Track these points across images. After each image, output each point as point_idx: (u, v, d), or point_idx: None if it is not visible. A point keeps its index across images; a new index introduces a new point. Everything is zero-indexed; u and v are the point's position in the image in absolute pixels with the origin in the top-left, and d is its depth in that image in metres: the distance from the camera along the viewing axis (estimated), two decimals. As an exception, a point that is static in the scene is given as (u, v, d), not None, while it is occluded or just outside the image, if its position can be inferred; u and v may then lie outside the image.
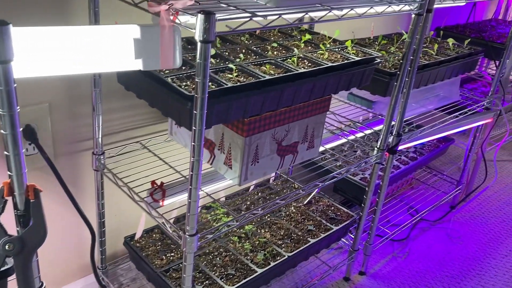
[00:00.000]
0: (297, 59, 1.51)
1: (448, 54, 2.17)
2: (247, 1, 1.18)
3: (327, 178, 1.61)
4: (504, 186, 3.04)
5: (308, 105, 1.53)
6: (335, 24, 2.26)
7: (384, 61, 1.93)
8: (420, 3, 1.52)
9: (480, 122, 2.36)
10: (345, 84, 1.59)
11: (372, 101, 2.08)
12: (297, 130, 1.56)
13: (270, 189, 2.08)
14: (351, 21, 2.40)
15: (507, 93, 2.46)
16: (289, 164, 1.61)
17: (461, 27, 2.81)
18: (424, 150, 2.53)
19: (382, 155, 1.80)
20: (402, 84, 1.68)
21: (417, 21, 1.56)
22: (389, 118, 1.73)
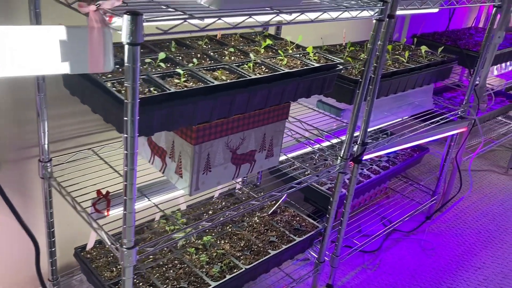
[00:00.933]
0: (253, 65, 1.47)
1: (420, 62, 2.13)
2: (189, 3, 1.14)
3: (285, 188, 1.56)
4: (482, 197, 3.00)
5: (264, 112, 1.49)
6: (306, 29, 2.22)
7: (350, 68, 1.89)
8: (380, 9, 1.49)
9: (452, 131, 2.32)
10: (304, 91, 1.54)
11: (340, 109, 2.03)
12: (254, 138, 1.51)
13: (235, 198, 2.02)
14: (324, 27, 2.36)
15: (482, 102, 2.43)
16: (246, 173, 1.56)
17: (438, 35, 2.79)
18: (397, 159, 2.49)
19: (346, 165, 1.75)
20: (364, 92, 1.64)
21: (378, 27, 1.52)
22: (352, 126, 1.69)
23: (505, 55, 2.67)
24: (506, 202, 2.97)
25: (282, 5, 1.23)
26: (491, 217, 2.78)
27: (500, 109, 3.07)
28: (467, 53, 2.45)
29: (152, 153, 1.50)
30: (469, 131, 2.44)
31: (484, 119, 2.95)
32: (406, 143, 2.04)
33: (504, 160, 3.55)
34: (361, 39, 2.56)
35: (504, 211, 2.86)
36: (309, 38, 2.18)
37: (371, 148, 1.85)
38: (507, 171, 3.40)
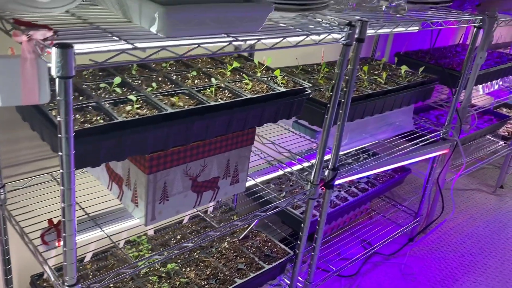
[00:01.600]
0: (215, 90, 1.42)
1: (398, 83, 2.09)
2: (137, 30, 1.09)
3: (248, 217, 1.51)
4: (468, 217, 2.95)
5: (227, 138, 1.44)
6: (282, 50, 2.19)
7: (324, 90, 1.85)
8: (347, 33, 1.44)
9: (432, 154, 2.27)
10: (270, 116, 1.50)
11: (315, 131, 1.99)
12: (216, 165, 1.46)
13: (205, 222, 1.97)
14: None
15: (465, 123, 2.39)
16: (209, 201, 1.51)
17: (422, 53, 2.75)
18: (377, 181, 2.44)
19: (316, 191, 1.70)
20: (333, 116, 1.59)
21: (345, 51, 1.48)
22: (321, 151, 1.64)
23: (490, 74, 2.63)
24: (492, 223, 2.92)
25: (239, 31, 1.19)
26: (475, 239, 2.72)
27: (487, 128, 3.02)
28: (449, 73, 2.41)
29: (110, 179, 1.45)
30: (451, 153, 2.39)
31: (470, 138, 2.90)
32: (381, 167, 2.00)
33: (493, 179, 3.50)
34: None
35: (489, 233, 2.80)
36: (289, 56, 2.15)
37: (343, 173, 1.81)
38: (495, 191, 3.35)
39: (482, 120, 3.22)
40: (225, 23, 1.14)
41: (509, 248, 2.67)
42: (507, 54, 3.00)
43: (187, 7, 1.05)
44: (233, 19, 1.14)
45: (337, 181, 1.85)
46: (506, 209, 3.12)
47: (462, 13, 2.18)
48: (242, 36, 1.17)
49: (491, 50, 3.10)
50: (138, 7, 1.07)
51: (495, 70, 2.64)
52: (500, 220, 2.97)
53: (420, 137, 2.25)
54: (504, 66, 2.72)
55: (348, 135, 2.04)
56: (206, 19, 1.10)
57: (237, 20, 1.15)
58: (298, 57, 2.22)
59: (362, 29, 1.49)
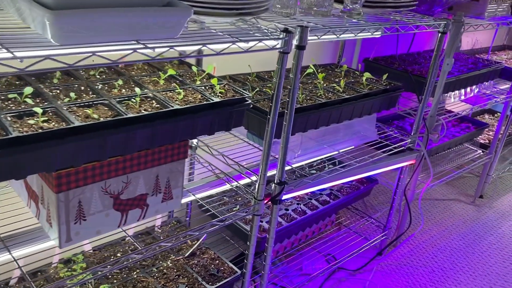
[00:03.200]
0: (141, 100, 1.33)
1: (358, 91, 2.00)
2: (32, 37, 1.00)
3: (179, 237, 1.42)
4: (443, 229, 2.85)
5: (154, 152, 1.35)
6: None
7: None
8: (284, 40, 1.35)
9: (397, 165, 2.18)
10: (204, 128, 1.41)
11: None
12: (143, 181, 1.37)
13: (151, 237, 1.88)
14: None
15: (433, 132, 2.30)
16: (137, 219, 1.41)
17: (392, 59, 2.66)
18: (341, 192, 2.35)
19: (260, 206, 1.61)
20: (273, 128, 1.50)
21: (282, 60, 1.39)
22: (264, 164, 1.54)
23: (462, 81, 2.54)
24: (467, 236, 2.82)
25: (151, 38, 1.10)
26: (448, 253, 2.62)
27: (463, 137, 2.93)
28: (416, 80, 2.32)
29: (29, 196, 1.36)
30: (418, 164, 2.30)
31: (444, 147, 2.82)
32: (336, 180, 1.90)
33: (473, 188, 3.41)
34: (319, 62, 2.44)
35: (463, 246, 2.71)
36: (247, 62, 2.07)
37: (292, 187, 1.71)
38: (474, 201, 3.26)
39: (459, 128, 3.13)
40: (132, 29, 1.05)
41: (482, 263, 2.58)
42: (484, 60, 2.92)
43: (79, 12, 0.96)
44: (140, 25, 1.05)
45: (288, 195, 1.76)
46: (483, 220, 3.03)
47: (426, 17, 2.09)
48: (152, 43, 1.08)
49: (467, 56, 3.01)
50: (29, 11, 0.98)
51: (467, 76, 2.55)
52: (476, 232, 2.87)
53: (386, 146, 2.16)
54: (478, 72, 2.63)
55: (303, 146, 1.95)
56: (109, 25, 1.01)
57: (145, 26, 1.07)
58: (256, 63, 2.13)
59: (302, 36, 1.40)
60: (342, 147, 2.12)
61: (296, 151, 1.86)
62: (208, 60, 1.94)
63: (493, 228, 2.96)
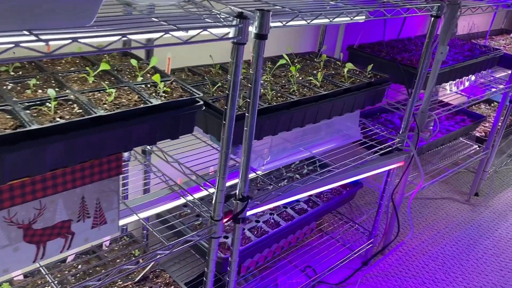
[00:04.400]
0: (57, 104, 1.07)
1: (338, 85, 1.74)
2: None
3: (132, 261, 1.16)
4: (435, 233, 2.63)
5: (74, 170, 1.09)
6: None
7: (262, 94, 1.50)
8: (238, 28, 1.09)
9: (383, 168, 1.94)
10: (141, 139, 1.15)
11: (235, 145, 1.64)
12: (63, 205, 1.11)
13: (98, 259, 1.63)
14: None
15: (424, 130, 2.05)
16: (61, 250, 1.16)
17: (379, 46, 2.40)
18: (321, 199, 2.10)
19: (218, 228, 1.35)
20: (230, 135, 1.24)
21: (236, 51, 1.12)
22: (221, 179, 1.29)
23: (458, 71, 2.29)
24: (461, 240, 2.60)
25: (48, 26, 0.83)
26: (440, 261, 2.40)
27: (458, 131, 2.69)
28: (406, 70, 2.06)
29: None
30: (408, 166, 2.05)
31: (437, 143, 2.57)
32: (311, 190, 1.65)
33: (468, 185, 3.19)
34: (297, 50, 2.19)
35: (457, 252, 2.49)
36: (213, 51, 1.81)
37: (258, 202, 1.46)
38: (469, 199, 3.04)
39: (454, 121, 2.89)
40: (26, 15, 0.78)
41: (478, 271, 2.36)
42: (481, 46, 2.67)
43: None
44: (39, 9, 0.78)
45: (254, 210, 1.51)
46: (478, 221, 2.81)
47: (417, -1, 1.83)
48: (48, 32, 0.82)
49: (463, 42, 2.76)
50: None
51: (463, 65, 2.30)
52: (471, 236, 2.65)
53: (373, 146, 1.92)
54: (475, 60, 2.38)
55: (275, 150, 1.70)
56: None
57: (48, 11, 0.80)
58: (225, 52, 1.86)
59: (263, 22, 1.14)
60: (322, 148, 1.88)
61: (265, 157, 1.61)
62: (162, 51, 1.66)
63: (489, 230, 2.74)
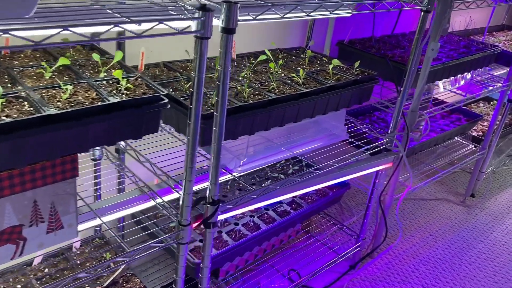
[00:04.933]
0: (5, 101, 1.00)
1: (322, 82, 1.67)
2: None
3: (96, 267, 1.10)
4: (427, 236, 2.56)
5: (23, 173, 1.02)
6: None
7: (209, 95, 1.43)
8: (200, 21, 1.01)
9: (370, 169, 1.86)
10: (99, 138, 1.08)
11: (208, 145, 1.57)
12: (12, 209, 1.04)
13: (66, 261, 1.56)
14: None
15: (414, 130, 1.97)
16: (12, 257, 1.09)
17: (370, 42, 2.32)
18: (305, 200, 2.03)
19: (186, 233, 1.29)
20: (196, 136, 1.17)
21: (200, 47, 1.05)
22: (188, 182, 1.22)
23: (452, 68, 2.21)
24: (454, 243, 2.53)
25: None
26: (431, 265, 2.33)
27: (452, 131, 2.61)
28: (397, 67, 1.98)
29: None
30: (396, 167, 1.98)
31: (430, 143, 2.49)
32: (290, 192, 1.58)
33: (464, 186, 3.11)
34: (285, 45, 2.11)
35: (449, 256, 2.41)
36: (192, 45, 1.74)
37: (230, 205, 1.39)
38: (465, 200, 2.96)
39: (449, 119, 2.81)
40: None
41: (470, 276, 2.29)
42: (478, 43, 2.58)
43: None
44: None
45: (227, 214, 1.44)
46: (473, 224, 2.73)
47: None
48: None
49: (459, 38, 2.67)
50: None
51: (458, 63, 2.21)
52: (465, 239, 2.58)
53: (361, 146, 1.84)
54: (470, 58, 2.29)
55: (256, 149, 1.63)
56: None
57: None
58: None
59: (230, 15, 1.06)
60: (308, 148, 1.80)
61: (242, 158, 1.54)
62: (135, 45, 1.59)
63: (484, 233, 2.66)
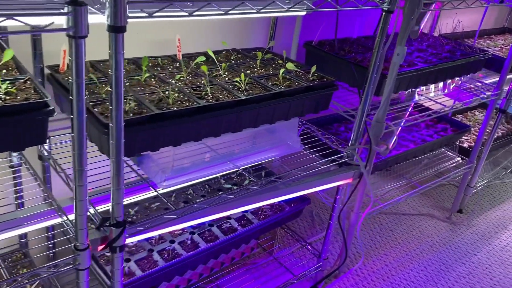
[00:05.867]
0: None
1: (268, 88, 1.51)
2: None
3: None
4: (403, 255, 2.38)
5: None
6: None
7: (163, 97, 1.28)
8: (71, 18, 0.86)
9: (323, 186, 1.70)
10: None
11: (140, 154, 1.43)
12: None
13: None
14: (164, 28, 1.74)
15: (380, 143, 1.80)
16: None
17: (344, 43, 2.14)
18: (257, 216, 1.87)
19: (84, 259, 1.14)
20: (82, 156, 1.02)
21: (76, 47, 0.89)
22: (78, 202, 1.07)
23: (429, 75, 2.02)
24: (432, 265, 2.34)
25: None
26: (402, 289, 2.16)
27: (433, 143, 2.42)
28: (362, 72, 1.81)
29: None
30: (357, 183, 1.81)
31: (408, 155, 2.31)
32: (221, 212, 1.42)
33: (451, 200, 2.91)
34: (246, 45, 1.96)
35: (424, 280, 2.23)
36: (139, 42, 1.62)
37: (141, 227, 1.24)
38: (450, 216, 2.77)
39: (434, 129, 2.62)
40: None
41: (445, 303, 2.11)
42: (466, 47, 2.39)
43: None
44: None
45: (140, 236, 1.29)
46: (456, 243, 2.54)
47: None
48: None
49: (446, 41, 2.48)
50: None
51: (436, 69, 2.03)
52: (444, 260, 2.39)
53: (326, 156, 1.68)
54: (452, 64, 2.10)
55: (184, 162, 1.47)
56: None
57: None
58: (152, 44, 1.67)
59: (117, 11, 0.91)
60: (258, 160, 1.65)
61: (167, 172, 1.39)
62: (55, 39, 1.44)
63: (467, 254, 2.47)
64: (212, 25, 1.91)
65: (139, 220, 1.23)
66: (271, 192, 1.53)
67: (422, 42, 2.39)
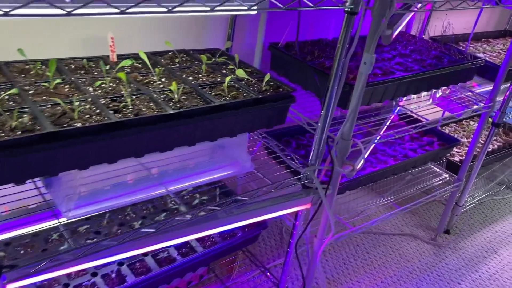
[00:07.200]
0: None
1: (207, 100, 1.29)
2: None
3: None
4: (377, 284, 2.16)
5: None
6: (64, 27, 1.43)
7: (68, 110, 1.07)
8: None
9: (275, 213, 1.48)
10: None
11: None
12: None
13: None
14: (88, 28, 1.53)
15: (345, 163, 1.57)
16: None
17: (317, 45, 1.92)
18: (202, 243, 1.65)
19: None
20: None
21: None
22: None
23: (409, 85, 1.80)
24: (408, 295, 2.13)
25: None
26: (372, 324, 1.94)
27: (416, 158, 2.20)
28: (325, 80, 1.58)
29: None
30: (317, 208, 1.59)
31: (386, 173, 2.09)
32: (138, 248, 1.20)
33: (438, 218, 2.69)
34: (203, 46, 1.75)
35: (398, 313, 2.02)
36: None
37: (29, 270, 1.02)
38: (436, 238, 2.54)
39: (418, 143, 2.39)
40: None
41: None
42: (456, 53, 2.15)
43: None
44: None
45: (29, 280, 1.08)
46: (439, 269, 2.32)
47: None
48: None
49: (435, 45, 2.24)
50: None
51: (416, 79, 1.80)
52: (424, 289, 2.18)
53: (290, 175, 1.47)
54: (437, 72, 1.87)
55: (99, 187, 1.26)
56: None
57: None
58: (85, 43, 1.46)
59: None
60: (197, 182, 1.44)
61: (73, 199, 1.17)
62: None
63: (450, 283, 2.25)
64: (161, 21, 1.69)
65: (23, 263, 1.01)
66: (207, 222, 1.32)
67: (407, 47, 2.16)
